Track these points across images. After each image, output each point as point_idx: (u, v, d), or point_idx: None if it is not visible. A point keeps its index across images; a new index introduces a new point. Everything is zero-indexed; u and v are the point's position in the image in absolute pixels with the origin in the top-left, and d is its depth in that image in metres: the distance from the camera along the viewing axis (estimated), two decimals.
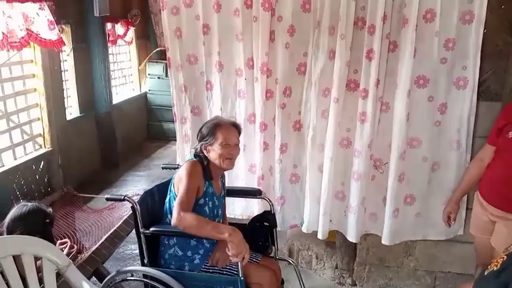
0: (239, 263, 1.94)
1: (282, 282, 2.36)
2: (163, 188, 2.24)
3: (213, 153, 2.10)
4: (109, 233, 2.78)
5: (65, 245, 2.46)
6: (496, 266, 0.87)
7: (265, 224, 2.34)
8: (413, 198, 2.61)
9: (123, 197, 2.08)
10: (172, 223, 1.95)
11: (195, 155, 2.16)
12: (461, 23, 2.33)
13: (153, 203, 2.22)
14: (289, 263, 2.55)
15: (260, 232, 2.35)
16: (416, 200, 2.62)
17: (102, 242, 2.65)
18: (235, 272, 2.03)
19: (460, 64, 2.40)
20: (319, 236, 2.70)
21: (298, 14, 2.47)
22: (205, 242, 2.14)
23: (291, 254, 3.29)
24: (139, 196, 2.20)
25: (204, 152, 2.13)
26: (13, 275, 1.60)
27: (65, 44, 3.95)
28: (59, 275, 1.81)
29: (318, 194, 2.64)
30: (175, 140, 2.99)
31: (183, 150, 2.88)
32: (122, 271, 2.15)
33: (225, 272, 2.08)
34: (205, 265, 2.11)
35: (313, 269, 3.21)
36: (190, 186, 2.01)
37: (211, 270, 2.09)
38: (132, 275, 2.14)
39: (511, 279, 0.78)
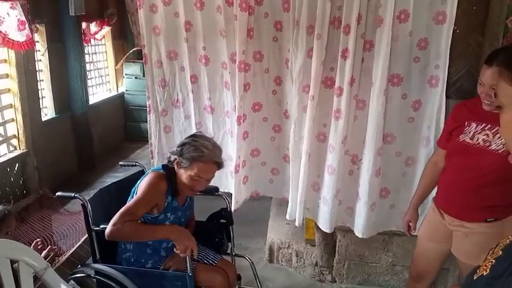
0: (187, 258, 1.96)
1: (239, 278, 2.40)
2: (121, 185, 2.29)
3: (182, 175, 2.04)
4: (87, 235, 2.74)
5: (43, 247, 2.42)
6: (485, 270, 0.84)
7: (221, 221, 2.37)
8: (387, 191, 2.70)
9: (73, 195, 2.10)
10: (106, 233, 1.90)
11: (166, 164, 2.10)
12: (434, 23, 2.39)
13: (110, 200, 2.23)
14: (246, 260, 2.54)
15: (217, 229, 2.38)
16: (390, 193, 2.70)
17: (80, 244, 2.62)
18: (183, 269, 2.03)
19: (433, 63, 2.46)
20: (296, 223, 2.80)
21: (280, 12, 2.55)
22: (161, 251, 2.15)
23: (271, 253, 3.31)
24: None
25: (175, 166, 2.06)
26: None
27: (34, 45, 3.86)
28: (36, 278, 1.78)
29: (297, 184, 2.73)
30: None
31: (161, 142, 2.96)
32: (76, 270, 2.17)
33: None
34: (156, 268, 2.12)
35: (293, 266, 3.23)
36: (144, 200, 1.97)
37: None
38: (83, 272, 2.15)
39: None
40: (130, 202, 1.98)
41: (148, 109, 2.95)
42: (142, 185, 2.01)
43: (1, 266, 1.57)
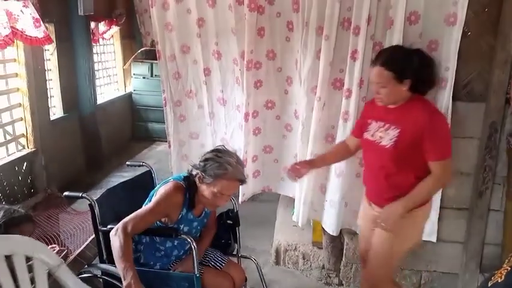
0: (194, 259, 1.97)
1: (245, 279, 2.39)
2: (128, 185, 2.31)
3: (204, 191, 2.02)
4: (94, 235, 2.74)
5: (54, 249, 2.42)
6: (500, 277, 0.83)
7: (228, 222, 2.36)
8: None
9: (81, 195, 2.10)
10: (110, 233, 1.89)
11: (187, 177, 2.07)
12: (445, 25, 2.36)
13: (117, 200, 2.23)
14: (252, 261, 2.53)
15: (223, 230, 2.37)
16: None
17: (88, 244, 2.62)
18: (191, 272, 2.03)
19: (444, 65, 2.43)
20: (299, 224, 2.84)
21: (290, 13, 2.56)
22: (172, 257, 2.15)
23: (277, 255, 3.29)
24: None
25: (197, 181, 2.03)
26: (5, 275, 1.58)
27: (52, 41, 3.88)
28: (49, 275, 1.79)
29: (304, 184, 2.75)
30: (161, 141, 3.10)
31: (177, 130, 3.07)
32: (82, 270, 2.19)
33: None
34: (172, 265, 2.13)
35: (300, 269, 3.22)
36: (153, 210, 1.95)
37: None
38: (90, 272, 2.15)
39: None
40: (141, 210, 1.97)
41: (164, 101, 3.02)
42: (158, 193, 2.01)
43: (17, 263, 1.61)
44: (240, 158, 2.10)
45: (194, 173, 2.04)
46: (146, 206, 1.99)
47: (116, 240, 1.85)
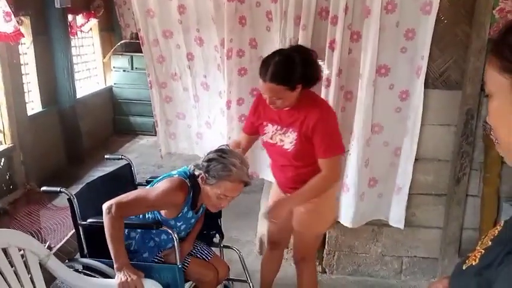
0: (176, 250, 1.96)
1: (228, 268, 2.39)
2: (108, 179, 2.30)
3: (207, 192, 1.96)
4: (74, 230, 2.72)
5: None
6: (475, 260, 0.84)
7: (208, 211, 2.35)
8: (375, 181, 2.72)
9: (59, 190, 2.07)
10: (103, 208, 1.86)
11: (191, 176, 2.00)
12: (421, 14, 2.39)
13: (97, 194, 2.19)
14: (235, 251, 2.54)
15: (206, 222, 2.36)
16: (378, 183, 2.72)
17: (68, 239, 2.60)
18: (173, 261, 2.03)
19: (420, 53, 2.46)
20: None
21: (268, 3, 2.54)
22: (163, 244, 2.13)
23: (261, 245, 3.31)
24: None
25: (200, 181, 1.96)
26: (6, 267, 1.66)
27: (23, 37, 3.78)
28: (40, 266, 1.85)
29: None
30: (143, 134, 3.08)
31: (163, 110, 3.10)
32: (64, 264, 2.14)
33: (163, 261, 2.08)
34: (153, 258, 2.10)
35: (283, 258, 3.23)
36: (155, 204, 1.92)
37: (156, 260, 2.09)
38: (71, 267, 2.09)
39: (493, 278, 0.76)
40: (139, 197, 1.91)
41: (149, 85, 3.05)
42: (162, 185, 1.93)
43: (13, 254, 1.70)
44: (244, 159, 2.02)
45: (197, 173, 1.96)
46: (146, 195, 1.92)
47: (108, 221, 1.84)
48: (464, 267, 0.85)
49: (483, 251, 0.83)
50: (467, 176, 2.69)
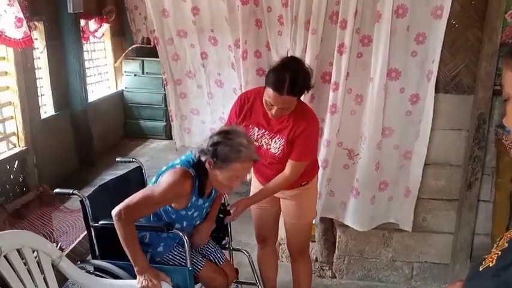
0: (187, 252, 1.96)
1: (237, 271, 2.40)
2: (120, 181, 2.33)
3: (217, 176, 1.92)
4: (86, 232, 2.75)
5: None
6: (492, 262, 0.84)
7: (220, 216, 2.35)
8: (386, 184, 2.72)
9: (71, 192, 2.08)
10: (113, 215, 1.84)
11: (196, 163, 1.95)
12: (432, 18, 2.38)
13: (109, 197, 2.20)
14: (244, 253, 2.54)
15: (216, 224, 2.35)
16: (388, 186, 2.72)
17: (80, 241, 2.62)
18: (183, 263, 2.03)
19: (431, 57, 2.46)
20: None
21: (280, 7, 2.54)
22: (178, 239, 2.11)
23: None
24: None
25: (208, 166, 1.91)
26: (20, 267, 1.69)
27: (33, 43, 3.82)
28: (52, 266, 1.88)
29: None
30: (153, 138, 3.11)
31: (178, 106, 3.14)
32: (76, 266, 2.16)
33: (172, 263, 2.08)
34: (167, 255, 2.09)
35: (280, 260, 3.23)
36: (162, 200, 1.88)
37: (163, 261, 2.08)
38: (83, 268, 2.09)
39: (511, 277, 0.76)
40: (146, 196, 1.87)
41: (165, 82, 3.10)
42: (165, 180, 1.89)
43: (27, 255, 1.73)
44: (249, 136, 2.02)
45: (203, 159, 1.90)
46: (151, 194, 1.87)
47: (119, 227, 1.83)
48: (481, 269, 0.85)
49: (499, 252, 0.82)
50: (479, 181, 2.67)
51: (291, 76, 1.95)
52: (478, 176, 2.65)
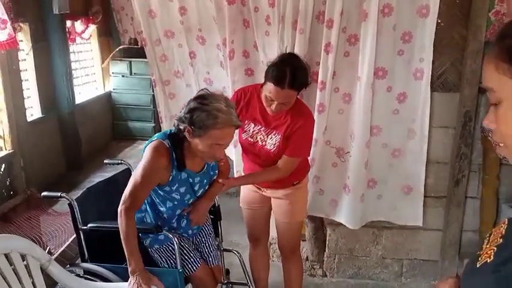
0: (177, 254, 1.95)
1: (228, 272, 2.43)
2: (108, 184, 2.31)
3: (197, 145, 1.83)
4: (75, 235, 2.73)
5: None
6: (489, 257, 0.84)
7: (210, 217, 2.36)
8: (374, 182, 2.74)
9: (59, 195, 2.07)
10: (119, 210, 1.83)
11: (173, 134, 1.89)
12: (418, 17, 2.40)
13: (97, 199, 2.21)
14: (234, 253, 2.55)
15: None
16: (377, 184, 2.74)
17: (69, 244, 2.60)
18: (173, 265, 2.03)
19: (418, 56, 2.48)
20: None
21: (267, 7, 2.55)
22: (174, 220, 2.09)
23: None
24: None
25: (187, 135, 1.82)
26: (8, 272, 1.69)
27: (17, 45, 3.77)
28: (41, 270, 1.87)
29: None
30: (142, 139, 3.07)
31: (168, 107, 3.12)
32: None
33: (163, 266, 2.07)
34: (163, 252, 2.08)
35: (271, 260, 3.23)
36: (147, 182, 1.85)
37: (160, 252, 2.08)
38: (72, 272, 2.08)
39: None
40: (132, 182, 1.85)
41: (154, 83, 3.10)
42: (144, 158, 1.85)
43: (15, 259, 1.73)
44: (229, 100, 1.88)
45: (182, 127, 1.81)
46: (136, 180, 1.84)
47: (120, 222, 1.82)
48: (478, 265, 0.84)
49: (495, 248, 0.82)
50: (466, 178, 2.70)
51: (291, 70, 1.98)
52: (465, 173, 2.68)
